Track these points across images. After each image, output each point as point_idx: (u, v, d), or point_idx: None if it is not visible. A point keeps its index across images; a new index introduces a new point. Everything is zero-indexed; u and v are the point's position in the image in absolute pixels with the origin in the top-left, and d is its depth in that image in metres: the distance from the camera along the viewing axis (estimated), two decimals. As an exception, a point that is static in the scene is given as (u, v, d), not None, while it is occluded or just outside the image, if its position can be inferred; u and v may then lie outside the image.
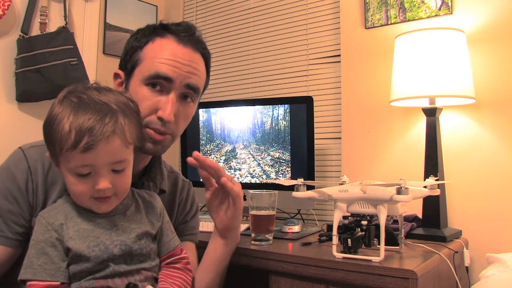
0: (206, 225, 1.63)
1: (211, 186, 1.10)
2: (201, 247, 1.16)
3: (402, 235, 1.30)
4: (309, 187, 1.25)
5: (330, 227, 1.46)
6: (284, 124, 1.78)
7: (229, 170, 1.89)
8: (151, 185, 1.08)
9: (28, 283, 0.82)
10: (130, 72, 1.01)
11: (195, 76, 1.01)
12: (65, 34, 1.92)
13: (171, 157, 2.38)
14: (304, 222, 1.88)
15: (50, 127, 0.83)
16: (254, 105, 1.85)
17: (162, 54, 0.98)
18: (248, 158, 1.85)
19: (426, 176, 1.44)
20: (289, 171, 1.76)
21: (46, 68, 1.83)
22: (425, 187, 1.26)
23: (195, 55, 1.02)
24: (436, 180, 1.28)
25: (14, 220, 0.91)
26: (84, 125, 0.80)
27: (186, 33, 1.01)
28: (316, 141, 1.82)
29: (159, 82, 0.98)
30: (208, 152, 1.94)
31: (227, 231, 1.11)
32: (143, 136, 0.95)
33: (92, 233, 0.86)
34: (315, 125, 1.77)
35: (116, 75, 1.06)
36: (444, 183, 1.52)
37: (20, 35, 1.86)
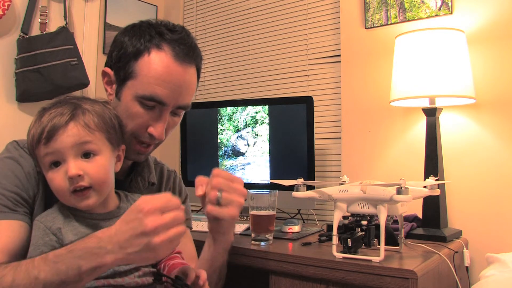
0: (201, 224, 1.62)
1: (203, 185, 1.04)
2: (200, 247, 1.16)
3: (402, 235, 1.30)
4: (309, 187, 1.25)
5: (330, 227, 1.46)
6: (284, 124, 1.77)
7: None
8: (139, 180, 1.10)
9: None
10: (123, 81, 1.00)
11: (188, 96, 1.03)
12: (65, 34, 1.91)
13: (171, 157, 2.38)
14: (304, 222, 1.88)
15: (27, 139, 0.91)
16: (254, 105, 1.85)
17: (158, 74, 0.97)
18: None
19: (426, 176, 1.44)
20: (290, 171, 1.76)
21: (46, 68, 1.83)
22: (425, 187, 1.26)
23: (190, 69, 1.02)
24: (436, 180, 1.27)
25: (22, 203, 0.93)
26: (44, 121, 0.87)
27: (182, 46, 1.00)
28: (316, 141, 1.81)
29: (152, 104, 0.99)
30: (208, 152, 1.94)
31: (215, 233, 1.09)
32: (125, 144, 1.00)
33: None
34: (315, 125, 1.77)
35: (104, 74, 1.05)
36: (444, 183, 1.52)
37: (20, 35, 1.86)
